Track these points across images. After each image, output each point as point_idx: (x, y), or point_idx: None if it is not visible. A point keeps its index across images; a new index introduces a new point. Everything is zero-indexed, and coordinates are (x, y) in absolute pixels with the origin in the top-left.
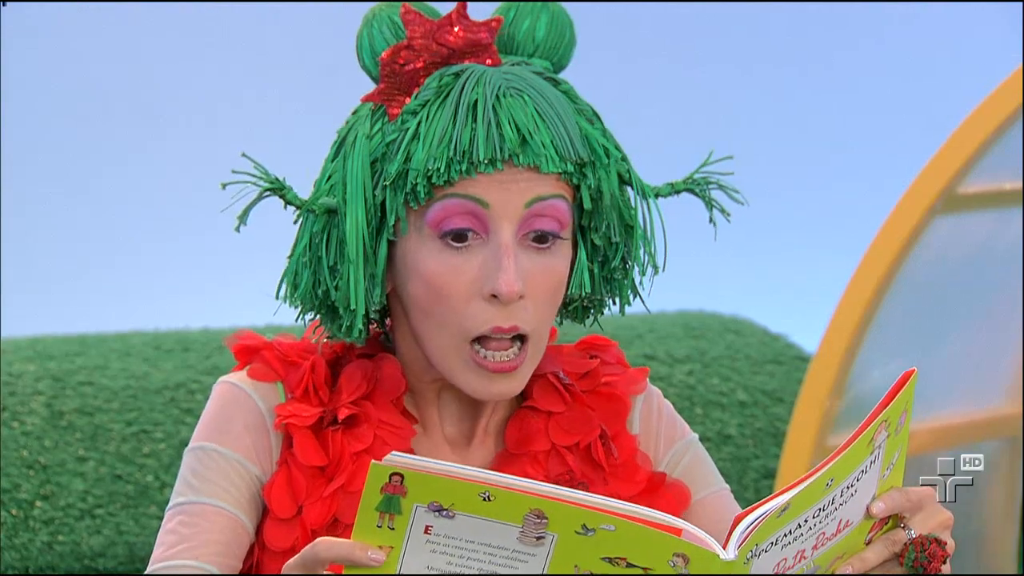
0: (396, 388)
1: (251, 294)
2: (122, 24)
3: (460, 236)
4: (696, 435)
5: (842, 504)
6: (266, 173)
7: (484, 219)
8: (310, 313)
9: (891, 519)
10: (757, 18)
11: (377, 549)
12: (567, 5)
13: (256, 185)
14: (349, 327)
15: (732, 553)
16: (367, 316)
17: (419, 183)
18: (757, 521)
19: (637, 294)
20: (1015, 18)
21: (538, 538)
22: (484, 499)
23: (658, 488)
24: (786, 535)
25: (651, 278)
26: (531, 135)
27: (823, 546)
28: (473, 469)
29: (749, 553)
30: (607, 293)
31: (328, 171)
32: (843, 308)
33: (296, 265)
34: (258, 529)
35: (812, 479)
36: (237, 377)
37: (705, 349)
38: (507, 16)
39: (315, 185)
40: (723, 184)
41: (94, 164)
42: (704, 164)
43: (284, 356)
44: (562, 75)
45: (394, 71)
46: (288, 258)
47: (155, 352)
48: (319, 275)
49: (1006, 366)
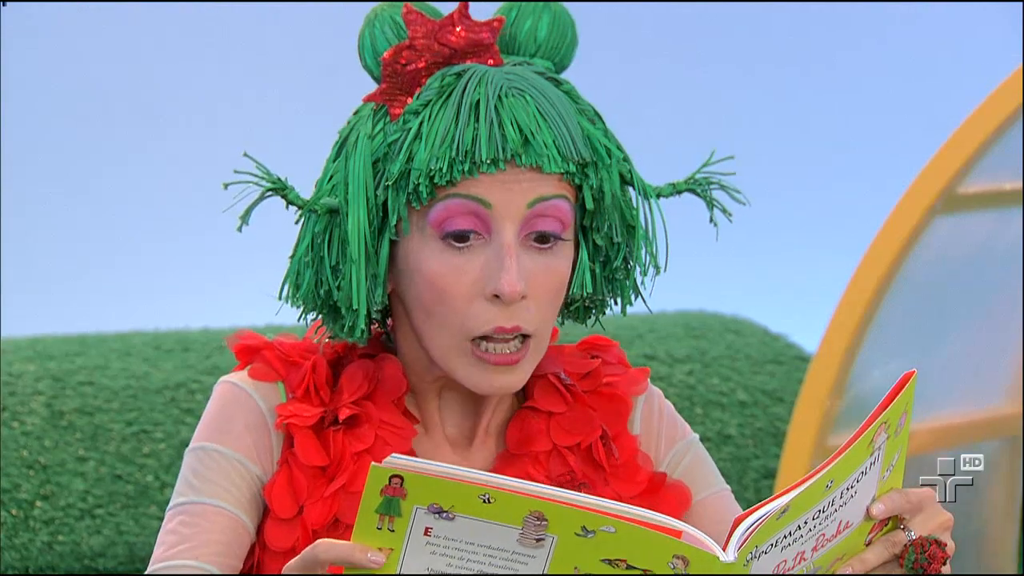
0: (397, 388)
1: (251, 294)
2: (122, 24)
3: (462, 236)
4: (697, 435)
5: (842, 505)
6: (268, 173)
7: (486, 219)
8: (312, 313)
9: (891, 520)
10: (759, 18)
11: (377, 551)
12: (569, 5)
13: (258, 185)
14: (351, 327)
15: (732, 555)
16: (369, 316)
17: (421, 183)
18: (757, 523)
19: (639, 294)
20: (1015, 18)
21: (538, 540)
22: (484, 501)
23: (659, 488)
24: (786, 536)
25: (652, 278)
26: (533, 135)
27: (823, 547)
28: (473, 471)
29: (749, 555)
30: (609, 293)
31: (330, 171)
32: (843, 308)
33: (298, 265)
34: (259, 529)
35: (812, 481)
36: (238, 377)
37: (705, 349)
38: (509, 16)
39: (317, 185)
40: (724, 184)
41: (94, 164)
42: (705, 164)
43: (285, 356)
44: (564, 75)
45: (396, 71)
46: (290, 258)
47: (155, 352)
48: (321, 275)
49: (1006, 366)
